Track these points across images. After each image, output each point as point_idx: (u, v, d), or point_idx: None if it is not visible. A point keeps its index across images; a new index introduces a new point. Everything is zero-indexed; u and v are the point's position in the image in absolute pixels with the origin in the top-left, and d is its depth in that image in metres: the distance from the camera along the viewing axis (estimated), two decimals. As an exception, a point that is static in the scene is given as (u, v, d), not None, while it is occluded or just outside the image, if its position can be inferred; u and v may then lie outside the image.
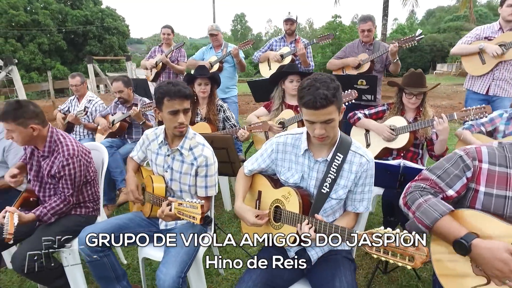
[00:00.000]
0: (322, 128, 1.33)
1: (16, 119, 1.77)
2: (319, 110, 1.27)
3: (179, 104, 1.66)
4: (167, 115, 1.69)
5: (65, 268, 1.96)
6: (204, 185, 1.80)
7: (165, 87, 1.67)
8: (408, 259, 1.04)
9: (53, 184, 1.97)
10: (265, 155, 1.63)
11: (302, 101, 1.30)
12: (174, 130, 1.72)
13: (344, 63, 3.55)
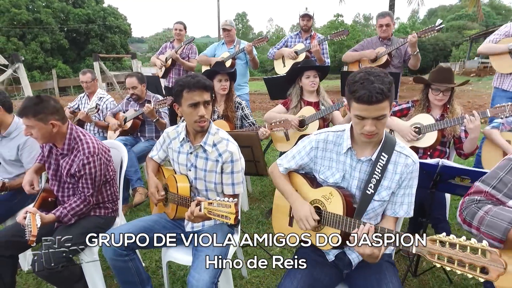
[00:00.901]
0: (373, 125, 1.24)
1: (36, 114, 1.69)
2: (373, 105, 1.19)
3: (199, 95, 1.58)
4: (187, 108, 1.61)
5: (84, 271, 1.89)
6: (230, 183, 1.71)
7: (184, 79, 1.60)
8: (480, 271, 0.94)
9: (72, 183, 1.89)
10: (303, 153, 1.54)
11: (355, 96, 1.22)
12: (194, 125, 1.63)
13: (361, 55, 3.47)
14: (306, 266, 1.42)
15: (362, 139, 1.33)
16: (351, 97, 1.26)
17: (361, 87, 1.20)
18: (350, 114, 1.36)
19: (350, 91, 1.25)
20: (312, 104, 2.79)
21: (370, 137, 1.29)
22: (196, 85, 1.56)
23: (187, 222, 1.77)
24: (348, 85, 1.28)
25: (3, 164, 2.36)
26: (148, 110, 2.97)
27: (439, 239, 1.02)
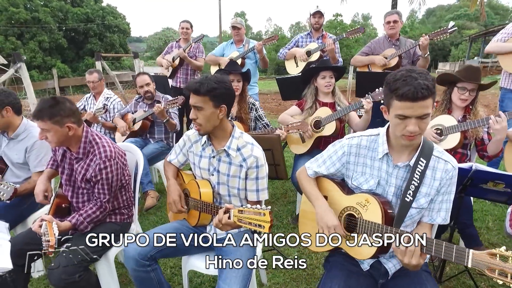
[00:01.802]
0: (416, 125, 1.17)
1: (52, 117, 1.61)
2: (418, 102, 1.13)
3: (191, 98, 1.53)
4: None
5: (100, 280, 1.81)
6: (255, 189, 1.64)
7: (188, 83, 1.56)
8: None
9: (87, 189, 1.81)
10: (335, 158, 1.47)
11: (398, 93, 1.15)
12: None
13: (371, 60, 3.40)
14: (341, 275, 1.36)
15: (402, 142, 1.26)
16: (392, 96, 1.19)
17: (404, 84, 1.14)
18: (388, 116, 1.29)
19: (392, 89, 1.18)
20: (328, 105, 2.72)
21: (411, 138, 1.21)
22: (187, 88, 1.53)
23: (210, 229, 1.70)
24: (388, 84, 1.21)
25: (11, 168, 2.27)
26: (158, 110, 2.89)
27: (499, 253, 0.94)
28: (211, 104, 1.50)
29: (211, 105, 1.50)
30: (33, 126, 2.30)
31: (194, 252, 1.71)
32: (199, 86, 1.47)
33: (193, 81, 1.50)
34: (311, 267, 2.26)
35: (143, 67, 8.16)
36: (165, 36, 36.64)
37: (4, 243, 1.51)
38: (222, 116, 1.55)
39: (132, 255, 1.48)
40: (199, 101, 1.49)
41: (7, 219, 1.94)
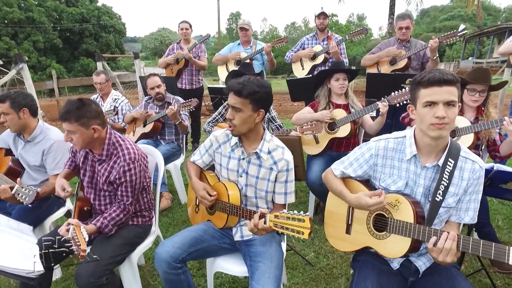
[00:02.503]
0: (444, 111, 1.21)
1: (79, 119, 1.61)
2: (443, 86, 1.20)
3: (230, 98, 1.54)
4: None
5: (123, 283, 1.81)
6: (283, 192, 1.65)
7: (230, 82, 1.56)
8: None
9: (109, 191, 1.80)
10: (362, 160, 1.49)
11: (424, 80, 1.23)
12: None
13: (380, 56, 3.44)
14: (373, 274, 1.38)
15: (431, 134, 1.26)
16: (418, 87, 1.27)
17: (429, 72, 1.24)
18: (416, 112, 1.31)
19: (418, 81, 1.27)
20: (341, 107, 2.74)
21: (441, 127, 1.23)
22: (228, 88, 1.54)
23: (236, 231, 1.70)
24: (415, 80, 1.29)
25: (28, 170, 2.26)
26: (171, 112, 2.89)
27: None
28: (250, 107, 1.51)
29: (250, 108, 1.51)
30: (49, 128, 2.29)
31: (221, 254, 1.71)
32: (241, 87, 1.48)
33: (236, 82, 1.51)
34: (329, 267, 2.28)
35: (144, 68, 8.12)
36: (161, 36, 36.50)
37: (33, 247, 1.50)
38: (258, 120, 1.56)
39: (164, 258, 1.48)
40: (238, 103, 1.50)
41: (26, 222, 1.93)
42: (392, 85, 3.02)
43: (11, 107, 2.07)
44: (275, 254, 1.55)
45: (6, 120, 2.10)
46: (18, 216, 2.07)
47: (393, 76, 3.05)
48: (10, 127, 2.14)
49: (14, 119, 2.11)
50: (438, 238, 1.21)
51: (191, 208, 1.97)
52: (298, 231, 1.27)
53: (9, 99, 2.06)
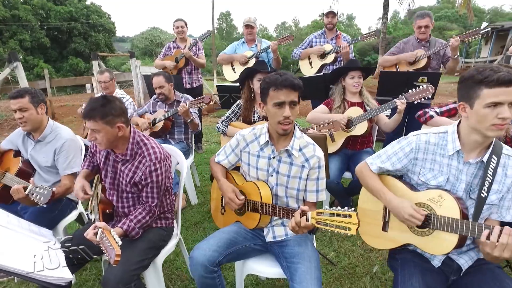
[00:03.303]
0: (509, 112, 1.18)
1: (104, 117, 1.53)
2: (510, 87, 1.16)
3: (285, 94, 1.46)
4: (271, 107, 1.50)
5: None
6: (315, 189, 1.61)
7: (272, 76, 1.49)
8: None
9: (132, 193, 1.73)
10: (401, 154, 1.47)
11: (492, 79, 1.17)
12: (278, 126, 1.51)
13: (399, 59, 3.41)
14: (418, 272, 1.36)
15: (490, 134, 1.24)
16: (479, 86, 1.21)
17: (493, 72, 1.17)
18: (469, 111, 1.29)
19: (478, 80, 1.20)
20: (356, 105, 2.72)
21: (502, 127, 1.21)
22: (284, 83, 1.45)
23: (268, 231, 1.66)
24: (472, 77, 1.23)
25: (39, 171, 2.16)
26: (183, 109, 2.82)
27: None
28: (298, 100, 1.51)
29: (298, 101, 1.51)
30: (59, 126, 2.20)
31: (251, 255, 1.66)
32: (298, 81, 1.46)
33: (290, 76, 1.46)
34: (351, 266, 2.26)
35: (140, 67, 7.96)
36: (152, 36, 36.00)
37: (59, 253, 1.42)
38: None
39: (201, 262, 1.42)
40: (296, 97, 1.48)
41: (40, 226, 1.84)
42: (405, 83, 3.02)
43: (31, 102, 1.99)
44: (312, 254, 1.51)
45: (23, 116, 2.00)
46: (31, 220, 1.96)
47: (407, 74, 3.03)
48: (27, 123, 2.03)
49: (33, 114, 2.03)
50: (490, 232, 1.19)
51: (215, 210, 1.91)
52: (345, 227, 1.24)
53: (28, 94, 1.98)
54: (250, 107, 2.79)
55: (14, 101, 1.97)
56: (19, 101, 1.96)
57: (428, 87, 2.45)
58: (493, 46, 20.28)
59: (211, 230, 2.76)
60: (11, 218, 1.69)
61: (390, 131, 2.73)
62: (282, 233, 1.63)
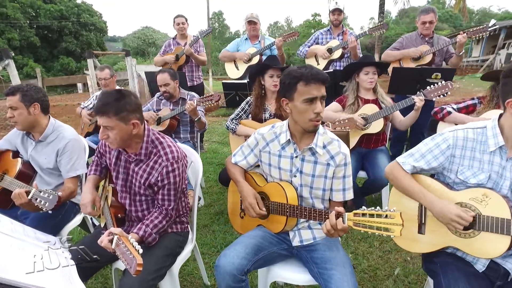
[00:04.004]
0: None
1: (118, 112, 1.40)
2: None
3: (317, 89, 1.35)
4: (300, 104, 1.38)
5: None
6: (341, 188, 1.51)
7: (298, 70, 1.37)
8: None
9: (146, 195, 1.60)
10: (437, 152, 1.37)
11: None
12: (308, 124, 1.41)
13: (404, 54, 3.34)
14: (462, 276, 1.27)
15: None
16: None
17: None
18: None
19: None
20: (370, 102, 2.64)
21: None
22: (315, 77, 1.34)
23: (294, 235, 1.55)
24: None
25: (40, 174, 2.01)
26: (191, 107, 2.70)
27: None
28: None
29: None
30: (62, 126, 2.06)
31: (276, 261, 1.55)
32: (327, 75, 1.36)
33: (318, 70, 1.36)
34: (371, 269, 2.17)
35: (135, 65, 7.79)
36: (144, 35, 35.53)
37: (70, 264, 1.29)
38: None
39: (230, 271, 1.31)
40: (325, 91, 1.39)
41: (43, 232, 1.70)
42: (417, 80, 2.95)
43: (21, 100, 1.84)
44: (345, 259, 1.41)
45: (13, 115, 1.86)
46: (33, 226, 1.81)
47: (420, 70, 2.96)
48: (18, 123, 1.90)
49: (23, 114, 1.87)
50: None
51: (233, 214, 1.79)
52: (387, 228, 1.14)
53: (20, 92, 1.84)
54: (261, 104, 2.68)
55: (7, 98, 1.86)
56: (10, 98, 1.84)
57: (448, 83, 2.38)
58: (484, 45, 20.57)
59: (221, 233, 2.64)
60: (16, 226, 1.55)
61: (405, 129, 2.66)
62: (309, 236, 1.53)
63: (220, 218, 2.88)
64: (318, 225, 1.56)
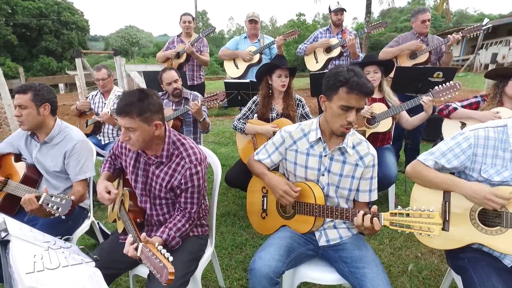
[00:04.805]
0: None
1: (142, 113, 1.35)
2: None
3: (357, 100, 1.34)
4: (337, 108, 1.37)
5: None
6: (368, 189, 1.52)
7: (347, 74, 1.33)
8: None
9: (166, 199, 1.55)
10: (458, 151, 1.39)
11: None
12: (338, 128, 1.41)
13: (402, 49, 3.39)
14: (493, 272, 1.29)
15: None
16: None
17: None
18: None
19: None
20: (378, 100, 2.66)
21: None
22: (360, 88, 1.31)
23: (320, 235, 1.54)
24: None
25: (47, 177, 1.92)
26: (196, 108, 2.64)
27: None
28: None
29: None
30: (69, 126, 1.98)
31: (303, 262, 1.53)
32: (372, 86, 1.35)
33: (366, 80, 1.33)
34: (385, 266, 2.18)
35: (125, 65, 7.59)
36: (128, 34, 34.74)
37: (97, 272, 1.22)
38: None
39: (266, 273, 1.28)
40: (364, 103, 1.41)
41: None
42: (420, 79, 3.00)
43: (32, 100, 1.76)
44: (375, 257, 1.41)
45: (21, 114, 1.77)
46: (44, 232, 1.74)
47: (422, 69, 3.01)
48: (24, 123, 1.80)
49: (32, 114, 1.79)
50: None
51: (254, 214, 1.76)
52: (428, 228, 1.15)
53: (32, 91, 1.75)
54: (268, 104, 2.66)
55: (17, 96, 1.76)
56: (20, 97, 1.74)
57: (456, 83, 2.42)
58: (464, 45, 21.28)
59: (229, 234, 2.61)
60: (25, 231, 1.47)
61: (412, 128, 2.70)
62: (335, 236, 1.52)
63: (227, 220, 2.84)
64: (343, 224, 1.56)
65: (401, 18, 46.19)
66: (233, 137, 5.53)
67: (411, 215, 1.19)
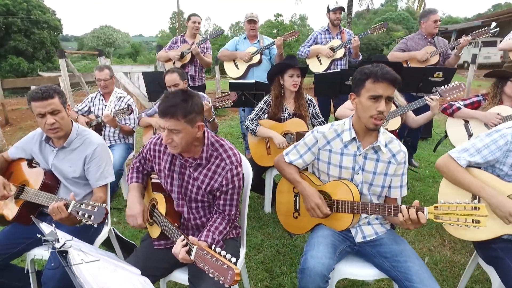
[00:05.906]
0: None
1: (187, 114, 1.32)
2: None
3: (384, 89, 1.39)
4: (366, 100, 1.42)
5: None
6: (399, 185, 1.57)
7: (370, 68, 1.41)
8: None
9: (203, 202, 1.52)
10: (494, 147, 1.47)
11: None
12: (369, 121, 1.44)
13: (411, 56, 3.50)
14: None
15: None
16: None
17: None
18: None
19: None
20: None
21: None
22: (385, 76, 1.38)
23: (356, 232, 1.57)
24: None
25: (65, 183, 1.83)
26: (206, 108, 2.60)
27: None
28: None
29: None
30: (87, 130, 1.90)
31: (340, 259, 1.56)
32: (398, 76, 1.38)
33: (391, 70, 1.37)
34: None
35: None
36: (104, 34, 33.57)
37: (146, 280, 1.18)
38: None
39: (320, 272, 1.29)
40: (393, 93, 1.42)
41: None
42: (421, 78, 3.12)
43: (61, 102, 1.67)
44: (413, 251, 1.46)
45: (55, 121, 1.66)
46: (67, 241, 1.66)
47: (424, 69, 3.13)
48: (61, 129, 1.70)
49: (65, 117, 1.72)
50: None
51: (285, 214, 1.77)
52: (475, 219, 1.20)
53: (56, 93, 1.66)
54: (280, 104, 2.68)
55: (43, 103, 1.60)
56: (50, 102, 1.62)
57: (461, 84, 2.54)
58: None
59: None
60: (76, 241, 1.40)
61: (417, 126, 2.79)
62: (371, 232, 1.56)
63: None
64: (376, 220, 1.60)
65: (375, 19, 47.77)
66: (228, 137, 5.50)
67: (456, 207, 1.24)
